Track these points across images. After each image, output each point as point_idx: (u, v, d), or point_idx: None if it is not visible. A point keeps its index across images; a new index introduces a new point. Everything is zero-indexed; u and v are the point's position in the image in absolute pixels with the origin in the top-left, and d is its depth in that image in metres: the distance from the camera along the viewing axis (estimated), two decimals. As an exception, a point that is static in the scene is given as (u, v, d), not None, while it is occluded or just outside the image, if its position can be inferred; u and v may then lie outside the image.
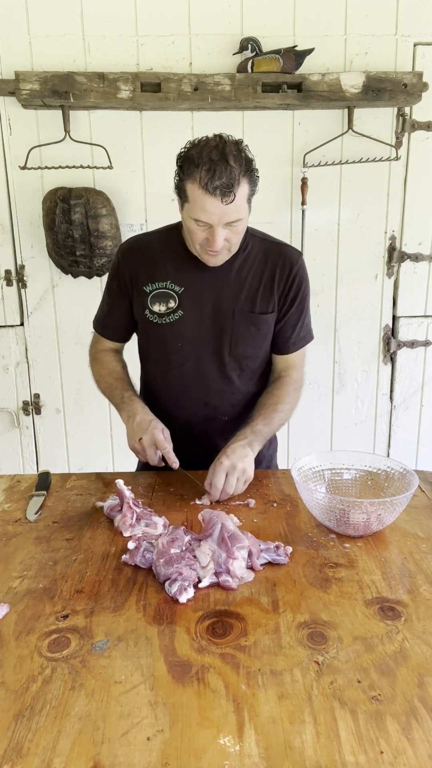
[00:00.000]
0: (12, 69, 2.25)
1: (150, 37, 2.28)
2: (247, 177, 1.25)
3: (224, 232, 1.29)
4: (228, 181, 1.21)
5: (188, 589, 0.94)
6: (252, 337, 1.47)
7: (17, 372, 2.60)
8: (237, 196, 1.23)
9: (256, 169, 1.29)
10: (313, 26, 2.30)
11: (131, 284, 1.48)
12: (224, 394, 1.52)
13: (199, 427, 1.54)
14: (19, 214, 2.43)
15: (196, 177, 1.22)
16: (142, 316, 1.48)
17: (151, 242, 1.49)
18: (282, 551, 1.05)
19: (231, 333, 1.46)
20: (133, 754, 0.66)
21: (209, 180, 1.20)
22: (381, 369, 2.69)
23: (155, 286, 1.45)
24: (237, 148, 1.25)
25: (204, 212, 1.25)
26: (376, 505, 1.09)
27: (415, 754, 0.66)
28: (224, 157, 1.21)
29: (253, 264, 1.45)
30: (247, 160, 1.25)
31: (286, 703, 0.73)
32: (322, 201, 2.47)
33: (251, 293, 1.45)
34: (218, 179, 1.20)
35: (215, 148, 1.22)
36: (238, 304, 1.44)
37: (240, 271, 1.44)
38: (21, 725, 0.71)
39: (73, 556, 1.08)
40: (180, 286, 1.44)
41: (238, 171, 1.22)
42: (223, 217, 1.25)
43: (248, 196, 1.28)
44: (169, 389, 1.54)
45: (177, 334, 1.46)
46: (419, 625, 0.88)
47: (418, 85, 2.28)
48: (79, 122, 2.34)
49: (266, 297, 1.46)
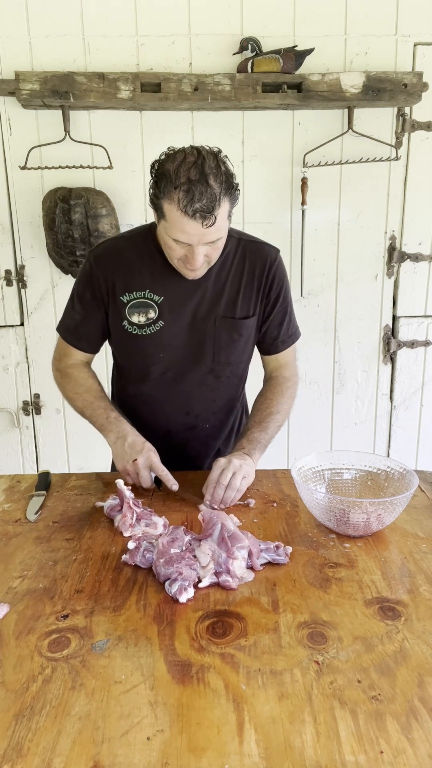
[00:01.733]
0: (12, 69, 2.25)
1: (150, 37, 2.28)
2: (227, 195, 1.17)
3: (204, 250, 1.24)
4: (209, 204, 1.13)
5: (188, 589, 0.94)
6: (234, 344, 1.43)
7: (17, 372, 2.60)
8: (218, 217, 1.16)
9: (236, 183, 1.21)
10: (313, 26, 2.30)
11: (107, 293, 1.39)
12: (206, 401, 1.49)
13: (179, 435, 1.50)
14: (19, 214, 2.43)
15: (174, 198, 1.14)
16: (120, 328, 1.40)
17: (125, 247, 1.40)
18: (282, 551, 1.05)
19: (213, 340, 1.41)
20: (133, 754, 0.66)
21: (189, 203, 1.13)
22: (381, 369, 2.69)
23: (133, 295, 1.37)
24: (216, 163, 1.16)
25: (183, 234, 1.19)
26: (376, 505, 1.09)
27: (415, 754, 0.66)
28: (204, 176, 1.13)
29: (231, 267, 1.40)
30: (228, 176, 1.18)
31: (286, 703, 0.73)
32: (322, 201, 2.48)
33: (231, 298, 1.40)
34: (198, 202, 1.13)
35: (194, 166, 1.14)
36: (218, 311, 1.40)
37: (219, 275, 1.39)
38: (21, 725, 0.71)
39: (73, 556, 1.08)
40: (159, 296, 1.37)
41: (219, 191, 1.14)
42: (204, 237, 1.19)
43: (229, 212, 1.22)
44: (148, 399, 1.49)
45: (158, 345, 1.41)
46: (419, 625, 0.88)
47: (418, 85, 2.28)
48: (79, 122, 2.34)
49: (247, 300, 1.41)
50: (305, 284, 2.54)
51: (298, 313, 2.55)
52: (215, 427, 1.53)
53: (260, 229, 2.50)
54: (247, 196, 2.46)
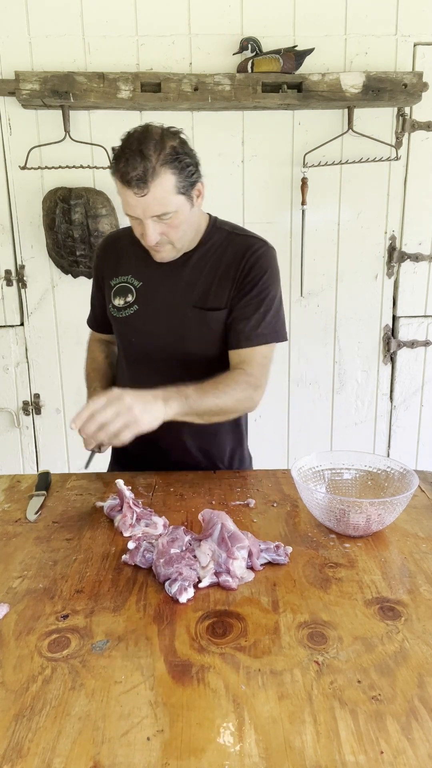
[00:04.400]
0: (12, 69, 2.25)
1: (150, 37, 2.28)
2: (169, 167, 1.18)
3: (157, 226, 1.24)
4: (142, 173, 1.16)
5: (188, 589, 0.94)
6: (204, 336, 1.39)
7: (17, 372, 2.60)
8: (154, 188, 1.18)
9: (187, 158, 1.21)
10: (313, 26, 2.30)
11: (102, 278, 1.50)
12: None
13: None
14: (19, 214, 2.43)
15: (116, 169, 1.20)
16: (108, 310, 1.49)
17: (121, 236, 1.49)
18: (282, 551, 1.05)
19: (182, 330, 1.39)
20: (133, 754, 0.66)
21: (125, 172, 1.17)
22: (381, 369, 2.69)
23: (118, 280, 1.45)
24: (161, 137, 1.19)
25: (127, 205, 1.23)
26: (376, 505, 1.09)
27: (415, 754, 0.66)
28: (141, 146, 1.17)
29: (211, 258, 1.38)
30: (174, 149, 1.19)
31: (286, 703, 0.73)
32: (322, 201, 2.47)
33: (205, 289, 1.37)
34: (132, 171, 1.16)
35: (136, 139, 1.19)
36: (191, 301, 1.38)
37: (197, 265, 1.38)
38: (21, 725, 0.71)
39: (73, 556, 1.08)
40: (139, 281, 1.42)
41: (156, 161, 1.16)
42: (147, 210, 1.21)
43: (177, 187, 1.21)
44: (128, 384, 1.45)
45: (132, 328, 1.44)
46: (419, 625, 0.88)
47: (418, 85, 2.28)
48: (79, 122, 2.34)
49: (221, 292, 1.37)
50: (305, 284, 2.54)
51: (298, 313, 2.59)
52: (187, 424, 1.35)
53: (260, 229, 2.47)
54: (247, 196, 2.46)
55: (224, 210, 2.44)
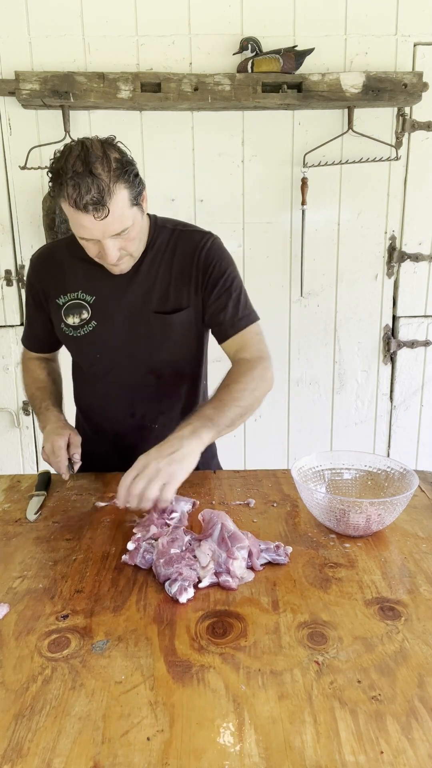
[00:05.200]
0: (12, 69, 2.25)
1: (150, 37, 2.28)
2: (122, 181, 1.13)
3: (116, 243, 1.20)
4: (98, 195, 1.10)
5: (188, 589, 0.94)
6: (169, 340, 1.38)
7: (17, 372, 2.60)
8: (113, 207, 1.12)
9: (132, 167, 1.16)
10: (313, 26, 2.30)
11: (44, 298, 1.41)
12: (150, 402, 1.45)
13: (128, 437, 1.47)
14: (19, 214, 2.43)
15: (64, 194, 1.12)
16: (60, 330, 1.42)
17: (59, 250, 1.41)
18: (282, 551, 1.05)
19: (147, 339, 1.37)
20: (133, 754, 0.66)
21: (77, 196, 1.10)
22: (381, 369, 2.69)
23: (67, 297, 1.38)
24: (103, 151, 1.12)
25: (82, 229, 1.16)
26: (376, 505, 1.09)
27: (415, 754, 0.66)
28: (88, 166, 1.10)
29: (162, 259, 1.35)
30: (119, 162, 1.13)
31: (286, 703, 0.73)
32: (322, 201, 2.47)
33: (163, 291, 1.35)
34: (86, 194, 1.09)
35: (78, 158, 1.11)
36: (150, 306, 1.35)
37: (150, 269, 1.35)
38: (21, 725, 0.71)
39: (73, 556, 1.08)
40: (91, 295, 1.36)
41: (108, 179, 1.10)
42: (107, 230, 1.15)
43: (131, 199, 1.16)
44: (94, 401, 1.49)
45: (93, 345, 1.39)
46: (419, 625, 0.88)
47: (418, 85, 2.28)
48: (79, 122, 2.34)
49: (179, 291, 1.35)
50: (305, 284, 2.54)
51: (298, 313, 2.59)
52: (166, 428, 1.32)
53: (260, 229, 2.50)
54: (247, 196, 2.46)
55: (224, 210, 2.47)
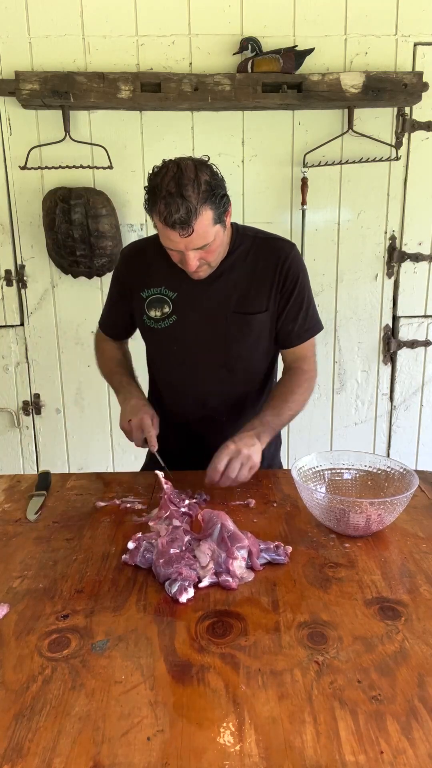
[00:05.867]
0: (12, 69, 2.25)
1: (150, 37, 2.28)
2: (209, 203, 1.23)
3: (197, 254, 1.30)
4: (185, 215, 1.20)
5: (188, 589, 0.94)
6: (246, 339, 1.48)
7: (17, 372, 2.60)
8: (197, 227, 1.22)
9: (222, 190, 1.27)
10: (313, 26, 2.29)
11: (130, 290, 1.51)
12: (221, 395, 1.53)
13: (197, 427, 1.55)
14: (19, 214, 2.43)
15: (156, 210, 1.23)
16: (141, 322, 1.51)
17: (147, 247, 1.51)
18: (282, 551, 1.05)
19: (225, 335, 1.46)
20: (133, 754, 0.66)
21: (167, 214, 1.21)
22: (381, 369, 2.69)
23: (151, 291, 1.48)
24: (195, 174, 1.22)
25: (169, 242, 1.27)
26: (376, 505, 1.09)
27: (415, 754, 0.66)
28: (180, 188, 1.20)
29: (243, 263, 1.45)
30: (209, 185, 1.23)
31: (286, 703, 0.73)
32: (322, 201, 2.47)
33: (243, 293, 1.45)
34: (175, 213, 1.20)
35: (172, 179, 1.21)
36: (230, 307, 1.45)
37: (230, 272, 1.44)
38: (21, 725, 0.71)
39: (73, 556, 1.08)
40: (173, 291, 1.46)
41: (196, 201, 1.20)
42: (189, 244, 1.26)
43: (215, 219, 1.26)
44: (169, 390, 1.58)
45: (172, 338, 1.49)
46: (419, 625, 0.88)
47: (418, 85, 2.28)
48: (79, 122, 2.34)
49: (259, 296, 1.45)
50: (305, 284, 2.54)
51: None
52: (233, 421, 1.54)
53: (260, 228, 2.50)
54: (247, 196, 2.46)
55: (224, 210, 2.46)
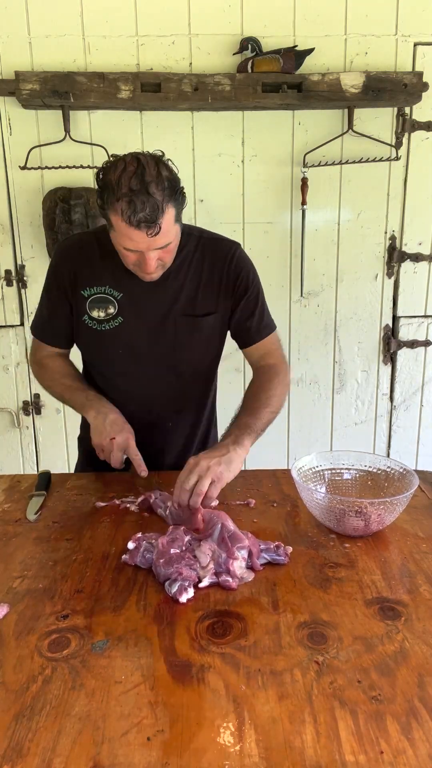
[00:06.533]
0: (12, 69, 2.25)
1: (150, 37, 2.28)
2: (172, 201, 1.17)
3: (156, 254, 1.24)
4: (152, 213, 1.14)
5: (188, 589, 0.94)
6: (195, 342, 1.42)
7: (17, 372, 2.60)
8: (163, 224, 1.17)
9: (181, 187, 1.21)
10: (313, 26, 2.29)
11: (70, 286, 1.40)
12: (169, 400, 1.48)
13: (144, 433, 1.44)
14: (19, 214, 2.43)
15: (118, 209, 1.15)
16: (81, 322, 1.41)
17: (89, 242, 1.41)
18: (282, 551, 1.05)
19: (173, 339, 1.41)
20: (133, 754, 0.66)
21: (132, 214, 1.13)
22: (381, 369, 2.69)
23: (93, 290, 1.39)
24: (157, 170, 1.16)
25: (131, 242, 1.20)
26: (376, 505, 1.09)
27: (415, 754, 0.66)
28: (145, 185, 1.13)
29: (191, 264, 1.39)
30: (170, 181, 1.18)
31: (286, 703, 0.73)
32: (322, 201, 2.47)
33: (191, 295, 1.39)
34: (141, 212, 1.13)
35: (134, 175, 1.14)
36: (178, 309, 1.39)
37: (178, 273, 1.38)
38: (21, 725, 0.71)
39: (73, 556, 1.08)
40: (119, 292, 1.38)
41: (161, 199, 1.15)
42: (152, 244, 1.20)
43: (176, 216, 1.22)
44: (112, 396, 1.46)
45: (117, 341, 1.41)
46: (419, 625, 0.88)
47: (418, 85, 2.28)
48: (79, 122, 2.34)
49: (208, 297, 1.40)
50: (305, 284, 2.54)
51: (298, 313, 2.59)
52: (178, 425, 1.51)
53: (260, 229, 2.50)
54: (247, 196, 2.46)
55: (224, 210, 2.46)
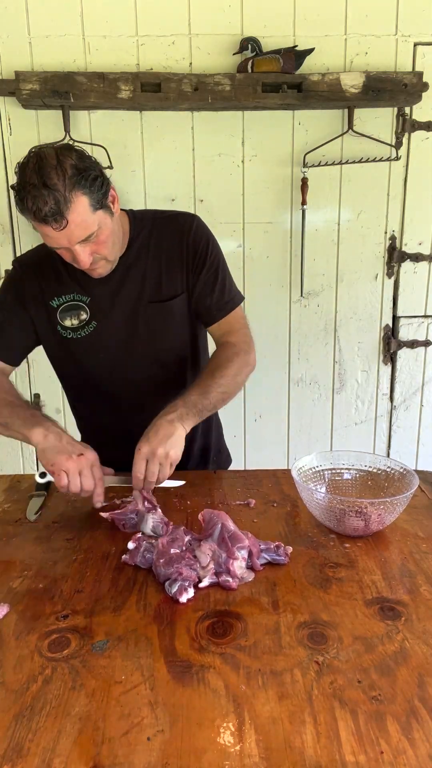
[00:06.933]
0: (12, 69, 2.25)
1: (150, 37, 2.28)
2: (79, 188, 1.11)
3: (86, 248, 1.19)
4: (54, 206, 1.10)
5: (188, 589, 0.94)
6: (169, 327, 1.39)
7: (17, 372, 2.59)
8: (71, 216, 1.11)
9: (91, 172, 1.14)
10: (313, 26, 2.29)
11: (33, 300, 1.37)
12: (158, 392, 1.42)
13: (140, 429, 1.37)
14: (19, 215, 2.42)
15: (25, 207, 1.12)
16: (53, 334, 1.38)
17: (47, 254, 1.36)
18: (282, 551, 1.05)
19: (147, 329, 1.37)
20: (133, 754, 0.66)
21: (36, 209, 1.10)
22: (381, 369, 2.69)
23: (62, 299, 1.37)
24: (57, 159, 1.11)
25: (49, 239, 1.17)
26: (376, 505, 1.09)
27: (415, 754, 0.66)
28: (42, 178, 1.09)
29: (148, 249, 1.35)
30: (77, 169, 1.12)
31: (286, 703, 0.73)
32: (322, 201, 2.47)
33: (155, 280, 1.36)
34: (44, 206, 1.09)
35: (33, 171, 1.11)
36: (145, 297, 1.36)
37: (137, 261, 1.35)
38: (21, 725, 0.71)
39: (73, 556, 1.08)
40: (87, 296, 1.36)
41: (63, 188, 1.10)
42: (71, 238, 1.15)
43: (93, 205, 1.15)
44: (102, 403, 1.45)
45: (95, 346, 1.38)
46: (419, 625, 0.88)
47: (418, 85, 2.28)
48: (79, 122, 2.34)
49: (172, 278, 1.36)
50: (305, 284, 2.54)
51: (298, 313, 2.59)
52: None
53: (260, 229, 2.50)
54: (247, 196, 2.46)
55: (224, 210, 2.46)
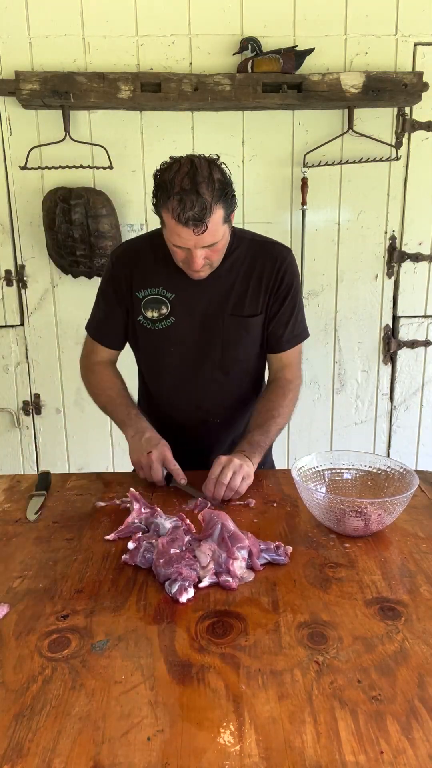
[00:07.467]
0: (12, 69, 2.25)
1: (150, 37, 2.28)
2: (221, 202, 1.23)
3: (203, 252, 1.30)
4: (200, 212, 1.20)
5: (188, 589, 0.94)
6: (242, 341, 1.48)
7: (17, 372, 2.60)
8: (210, 224, 1.23)
9: (232, 189, 1.27)
10: (313, 26, 2.29)
11: (126, 290, 1.48)
12: (216, 397, 1.54)
13: (192, 429, 1.55)
14: (19, 214, 2.43)
15: (169, 206, 1.22)
16: (136, 322, 1.49)
17: (143, 247, 1.49)
18: (282, 551, 1.05)
19: (221, 338, 1.47)
20: (133, 754, 0.66)
21: (181, 211, 1.20)
22: (381, 369, 2.69)
23: (147, 292, 1.46)
24: (209, 172, 1.23)
25: (179, 239, 1.26)
26: (376, 505, 1.09)
27: (415, 754, 0.66)
28: (195, 185, 1.20)
29: (241, 267, 1.45)
30: (222, 183, 1.24)
31: (286, 703, 0.73)
32: (322, 201, 2.47)
33: (240, 296, 1.45)
34: (189, 210, 1.20)
35: (186, 176, 1.21)
36: (227, 309, 1.45)
37: (228, 274, 1.44)
38: (21, 725, 0.71)
39: (73, 556, 1.08)
40: (171, 293, 1.45)
41: (210, 199, 1.21)
42: (199, 242, 1.26)
43: (225, 218, 1.27)
44: (163, 393, 1.57)
45: (169, 339, 1.48)
46: (419, 625, 0.88)
47: (418, 85, 2.28)
48: (79, 122, 2.34)
49: (255, 299, 1.46)
50: (305, 284, 2.54)
51: (298, 313, 2.58)
52: (227, 423, 1.57)
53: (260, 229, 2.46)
54: (247, 196, 2.46)
55: (224, 210, 2.46)
